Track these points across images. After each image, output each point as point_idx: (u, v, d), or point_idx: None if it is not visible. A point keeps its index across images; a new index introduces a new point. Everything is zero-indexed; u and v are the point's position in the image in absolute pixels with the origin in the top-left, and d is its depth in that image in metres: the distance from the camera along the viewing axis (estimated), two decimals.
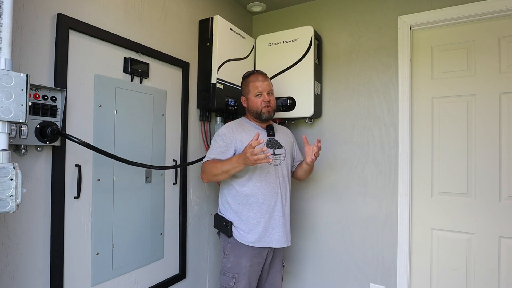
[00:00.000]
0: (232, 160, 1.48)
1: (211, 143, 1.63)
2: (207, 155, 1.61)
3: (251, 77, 1.68)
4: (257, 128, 1.67)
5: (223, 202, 1.65)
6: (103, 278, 1.37)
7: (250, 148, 1.35)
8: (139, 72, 1.50)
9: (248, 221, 1.56)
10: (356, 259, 2.03)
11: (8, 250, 1.07)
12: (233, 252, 1.58)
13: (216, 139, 1.60)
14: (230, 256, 1.58)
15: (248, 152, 1.35)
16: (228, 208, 1.61)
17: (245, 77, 1.71)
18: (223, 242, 1.64)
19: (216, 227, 1.67)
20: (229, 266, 1.58)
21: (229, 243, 1.59)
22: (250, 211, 1.57)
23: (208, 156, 1.59)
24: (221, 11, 2.09)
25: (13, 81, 0.86)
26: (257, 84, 1.64)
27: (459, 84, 1.81)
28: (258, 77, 1.66)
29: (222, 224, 1.61)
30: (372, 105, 2.00)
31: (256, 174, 1.57)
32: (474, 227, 1.76)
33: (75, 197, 1.26)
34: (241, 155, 1.43)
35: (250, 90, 1.65)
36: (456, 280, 1.80)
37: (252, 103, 1.64)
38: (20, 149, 1.07)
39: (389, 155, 1.95)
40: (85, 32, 1.28)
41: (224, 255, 1.61)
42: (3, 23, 0.86)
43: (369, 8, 2.02)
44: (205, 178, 1.59)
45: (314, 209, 2.17)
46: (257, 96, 1.63)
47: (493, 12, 1.70)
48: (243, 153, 1.40)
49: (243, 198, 1.57)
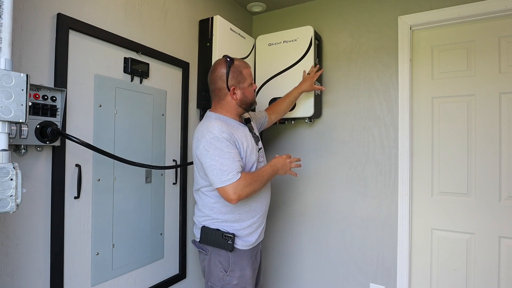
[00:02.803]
0: (267, 170, 1.38)
1: (216, 154, 1.27)
2: (228, 170, 1.26)
3: (241, 63, 1.46)
4: (240, 125, 1.46)
5: (215, 213, 1.39)
6: (103, 278, 1.37)
7: (288, 159, 1.47)
8: (139, 72, 1.50)
9: (250, 226, 1.41)
10: (356, 259, 2.03)
11: (8, 250, 1.07)
12: (238, 266, 1.37)
13: (221, 147, 1.28)
14: (236, 272, 1.37)
15: (289, 161, 1.47)
16: (223, 218, 1.39)
17: (232, 63, 1.42)
18: (219, 258, 1.38)
19: (209, 243, 1.38)
20: (235, 283, 1.36)
21: (232, 258, 1.38)
22: (254, 216, 1.43)
23: (231, 170, 1.26)
24: (221, 11, 2.09)
25: (13, 81, 0.86)
26: (250, 71, 1.47)
27: (459, 84, 1.81)
28: (246, 63, 1.48)
29: (220, 239, 1.35)
30: (372, 105, 2.00)
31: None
32: (474, 227, 1.76)
33: (75, 197, 1.26)
34: (277, 166, 1.43)
35: (246, 78, 1.44)
36: (456, 280, 1.80)
37: (248, 92, 1.44)
38: (20, 149, 1.07)
39: (389, 155, 1.95)
40: (85, 32, 1.28)
41: (226, 273, 1.37)
42: (3, 23, 0.86)
43: (369, 8, 2.02)
44: (240, 198, 1.28)
45: (314, 209, 2.17)
46: (250, 85, 1.46)
47: (493, 12, 1.70)
48: (282, 164, 1.45)
49: (244, 204, 1.40)
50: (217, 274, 1.39)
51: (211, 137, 1.29)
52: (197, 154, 1.35)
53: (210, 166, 1.29)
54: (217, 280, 1.39)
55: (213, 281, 1.40)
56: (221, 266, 1.38)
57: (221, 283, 1.38)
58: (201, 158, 1.32)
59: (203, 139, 1.31)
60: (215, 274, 1.39)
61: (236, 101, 1.44)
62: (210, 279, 1.42)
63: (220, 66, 1.44)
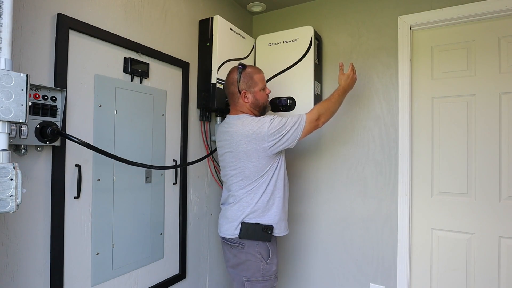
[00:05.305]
0: (338, 93, 1.62)
1: (284, 126, 1.47)
2: (300, 124, 1.49)
3: (253, 70, 1.60)
4: None
5: (259, 207, 1.51)
6: (103, 278, 1.37)
7: (352, 73, 1.65)
8: (139, 72, 1.50)
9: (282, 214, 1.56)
10: (356, 259, 2.03)
11: (8, 250, 1.07)
12: (274, 253, 1.52)
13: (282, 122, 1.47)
14: (273, 259, 1.51)
15: (353, 72, 1.66)
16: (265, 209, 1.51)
17: (243, 69, 1.57)
18: (258, 249, 1.49)
19: (249, 237, 1.49)
20: (274, 269, 1.51)
21: (270, 247, 1.51)
22: (286, 205, 1.60)
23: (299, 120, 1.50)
24: (221, 11, 2.09)
25: (13, 81, 0.86)
26: (263, 76, 1.61)
27: (459, 84, 1.81)
28: (259, 70, 1.62)
29: (261, 231, 1.48)
30: (372, 105, 2.00)
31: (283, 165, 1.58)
32: (474, 227, 1.76)
33: (75, 197, 1.26)
34: (346, 84, 1.64)
35: (257, 83, 1.57)
36: (456, 280, 1.80)
37: (260, 96, 1.57)
38: (20, 149, 1.07)
39: (389, 155, 1.95)
40: (85, 32, 1.28)
41: (266, 262, 1.49)
42: (3, 23, 0.86)
43: (369, 8, 2.02)
44: (322, 122, 1.55)
45: (314, 209, 2.17)
46: (262, 90, 1.59)
47: (493, 12, 1.70)
48: (351, 80, 1.65)
49: (279, 191, 1.54)
50: (257, 265, 1.49)
51: (268, 124, 1.46)
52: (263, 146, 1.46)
53: (286, 135, 1.47)
54: (256, 271, 1.48)
55: (251, 274, 1.49)
56: (261, 257, 1.49)
57: (261, 272, 1.48)
58: (274, 143, 1.47)
59: (263, 130, 1.45)
60: (254, 266, 1.49)
61: (248, 104, 1.56)
62: (245, 273, 1.50)
63: (233, 72, 1.59)
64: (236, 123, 1.52)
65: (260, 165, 1.49)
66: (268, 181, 1.51)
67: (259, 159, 1.48)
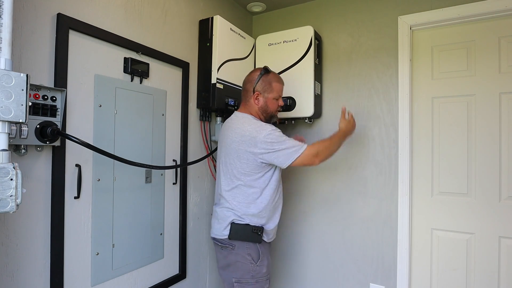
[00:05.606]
0: (339, 136, 1.59)
1: (281, 142, 1.44)
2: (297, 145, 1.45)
3: (275, 77, 1.60)
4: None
5: (250, 209, 1.50)
6: (103, 278, 1.37)
7: (352, 119, 1.65)
8: (139, 72, 1.50)
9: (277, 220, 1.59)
10: (356, 259, 2.03)
11: (8, 250, 1.07)
12: (265, 255, 1.52)
13: (282, 138, 1.45)
14: (264, 261, 1.51)
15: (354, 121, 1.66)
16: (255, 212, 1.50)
17: (266, 73, 1.57)
18: (248, 251, 1.49)
19: (239, 238, 1.49)
20: (264, 271, 1.51)
21: (260, 249, 1.51)
22: (279, 211, 1.60)
23: (299, 144, 1.46)
24: (221, 11, 2.09)
25: (13, 81, 0.86)
26: (282, 87, 1.62)
27: (459, 84, 1.81)
28: (281, 80, 1.62)
29: (250, 232, 1.48)
30: (372, 105, 2.00)
31: (277, 171, 1.57)
32: (474, 227, 1.76)
33: (75, 197, 1.26)
34: (347, 129, 1.62)
35: (274, 91, 1.57)
36: (456, 280, 1.80)
37: (271, 104, 1.58)
38: (20, 149, 1.07)
39: (389, 155, 1.94)
40: (85, 32, 1.28)
41: (256, 263, 1.49)
42: (3, 23, 0.86)
43: (369, 8, 2.02)
44: (319, 160, 1.48)
45: (314, 209, 2.17)
46: (276, 99, 1.59)
47: (493, 12, 1.70)
48: (352, 125, 1.65)
49: (274, 199, 1.55)
50: (246, 267, 1.48)
51: (267, 132, 1.44)
52: (253, 151, 1.45)
53: (279, 151, 1.43)
54: (246, 273, 1.48)
55: (240, 275, 1.48)
56: (251, 258, 1.49)
57: (251, 274, 1.48)
58: (265, 153, 1.44)
59: (259, 136, 1.43)
60: (243, 267, 1.48)
61: (258, 106, 1.57)
62: (235, 275, 1.49)
63: (255, 71, 1.61)
64: (239, 120, 1.54)
65: (248, 168, 1.48)
66: (255, 187, 1.50)
67: (248, 162, 1.47)
